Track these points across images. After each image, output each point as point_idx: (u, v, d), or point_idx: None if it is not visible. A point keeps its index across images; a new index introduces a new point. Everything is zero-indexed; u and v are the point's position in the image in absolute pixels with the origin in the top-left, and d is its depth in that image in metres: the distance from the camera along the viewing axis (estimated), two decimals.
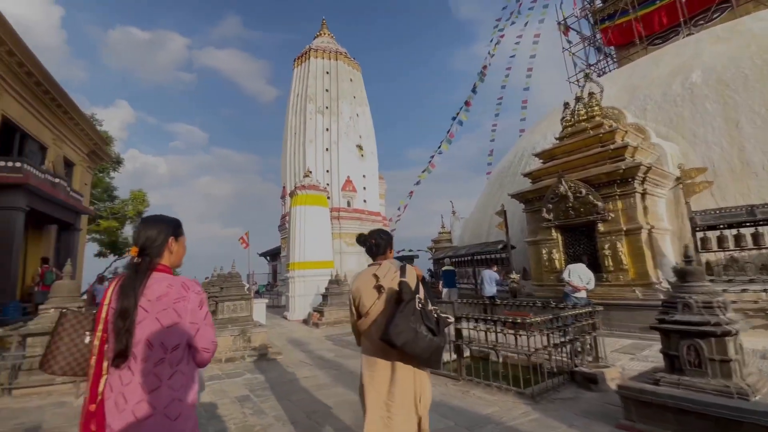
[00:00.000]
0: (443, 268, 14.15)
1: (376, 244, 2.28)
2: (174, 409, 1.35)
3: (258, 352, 6.71)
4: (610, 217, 7.59)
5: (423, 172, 24.42)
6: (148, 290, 1.39)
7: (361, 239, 2.37)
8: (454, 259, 12.85)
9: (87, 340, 1.52)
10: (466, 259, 12.70)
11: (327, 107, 23.36)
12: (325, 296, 11.76)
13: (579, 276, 6.98)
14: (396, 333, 1.84)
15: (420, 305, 1.95)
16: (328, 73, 24.10)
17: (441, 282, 14.17)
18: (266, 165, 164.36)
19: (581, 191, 7.80)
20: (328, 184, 21.21)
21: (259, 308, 10.42)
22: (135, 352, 1.33)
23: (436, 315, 2.06)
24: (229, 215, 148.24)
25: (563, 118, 9.23)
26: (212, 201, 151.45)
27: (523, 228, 10.11)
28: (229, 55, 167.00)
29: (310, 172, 15.21)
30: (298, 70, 24.96)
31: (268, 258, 39.09)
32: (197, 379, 1.52)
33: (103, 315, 1.39)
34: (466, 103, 25.88)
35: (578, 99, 9.23)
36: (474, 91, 26.62)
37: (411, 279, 2.07)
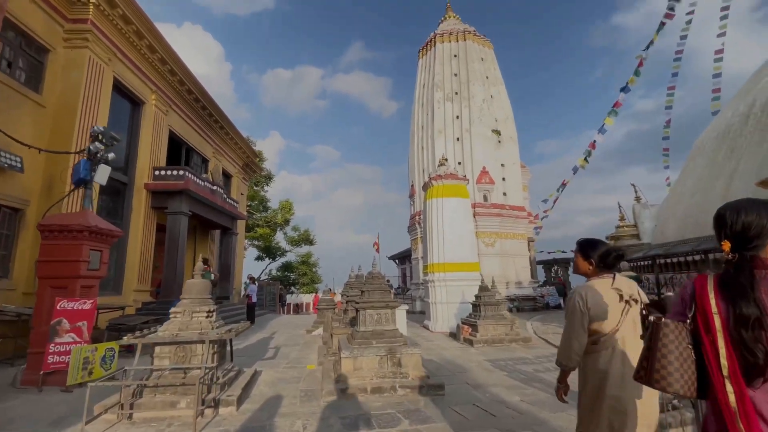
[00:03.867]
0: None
1: (618, 258, 2.08)
2: None
3: (411, 382, 4.84)
4: None
5: (584, 158, 19.89)
6: None
7: (605, 251, 2.08)
8: (659, 261, 9.00)
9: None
10: (680, 260, 8.76)
11: (456, 93, 21.16)
12: (476, 306, 9.46)
13: None
14: None
15: None
16: (456, 56, 21.93)
17: None
18: (389, 175, 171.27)
19: None
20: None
21: (400, 316, 8.76)
22: None
23: None
24: (360, 223, 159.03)
25: None
26: (346, 211, 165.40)
27: None
28: (355, 77, 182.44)
29: (446, 159, 13.19)
30: (423, 60, 23.47)
31: (396, 261, 38.84)
32: None
33: (718, 325, 1.20)
34: (638, 65, 20.32)
35: None
36: (647, 48, 20.80)
37: (644, 295, 1.99)
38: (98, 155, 5.98)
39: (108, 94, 9.93)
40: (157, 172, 11.77)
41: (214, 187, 13.88)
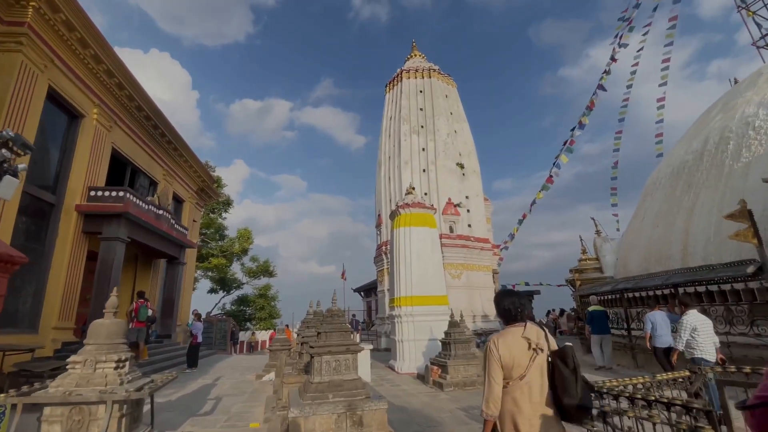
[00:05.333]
0: (590, 308, 10.33)
1: (522, 309, 2.18)
2: None
3: None
4: None
5: (540, 191, 20.50)
6: None
7: (507, 307, 2.21)
8: (628, 295, 8.88)
9: None
10: (649, 294, 8.69)
11: (422, 126, 21.43)
12: (446, 344, 8.78)
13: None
14: (586, 398, 1.88)
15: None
16: (421, 91, 22.43)
17: (588, 326, 10.41)
18: (355, 207, 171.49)
19: None
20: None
21: (363, 358, 7.87)
22: None
23: None
24: (325, 254, 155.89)
25: None
26: (310, 242, 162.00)
27: None
28: (323, 112, 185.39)
29: (413, 188, 12.88)
30: (391, 94, 23.83)
31: (362, 294, 37.58)
32: None
33: None
34: (589, 106, 21.71)
35: None
36: (595, 93, 22.40)
37: (553, 342, 2.09)
38: (4, 165, 4.96)
39: (40, 104, 8.79)
40: (92, 193, 10.48)
41: (161, 212, 12.62)
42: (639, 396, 3.37)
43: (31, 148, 5.42)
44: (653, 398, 3.36)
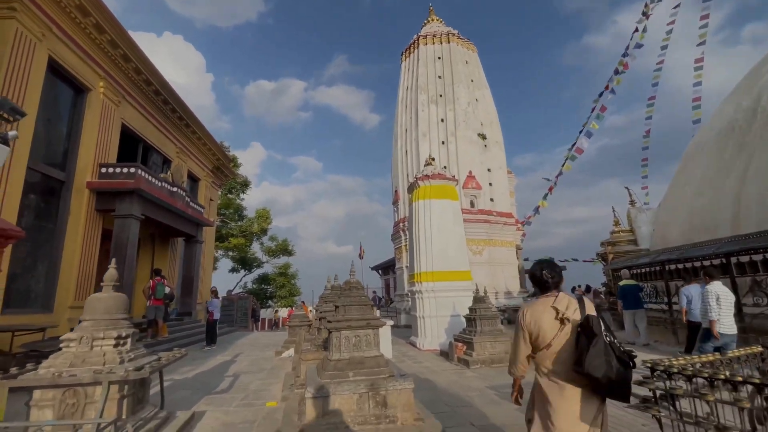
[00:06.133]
0: (622, 282, 9.66)
1: (552, 278, 2.18)
2: None
3: (401, 427, 3.60)
4: None
5: (565, 161, 19.36)
6: None
7: (537, 275, 2.23)
8: (669, 267, 8.11)
9: None
10: (694, 265, 7.91)
11: (441, 95, 20.37)
12: (471, 320, 8.29)
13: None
14: (594, 366, 1.80)
15: (609, 338, 1.91)
16: (440, 58, 21.23)
17: (620, 302, 9.79)
18: (371, 186, 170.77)
19: None
20: None
21: (384, 334, 7.47)
22: None
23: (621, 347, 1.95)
24: (342, 234, 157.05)
25: None
26: (327, 222, 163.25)
27: None
28: (337, 90, 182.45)
29: (433, 159, 12.17)
30: (407, 63, 22.68)
31: (380, 272, 37.49)
32: None
33: None
34: (618, 70, 20.16)
35: None
36: (625, 55, 20.72)
37: (591, 311, 2.04)
38: None
39: (40, 75, 8.43)
40: (104, 170, 10.23)
41: (174, 189, 12.36)
42: (722, 376, 2.79)
43: (21, 113, 5.03)
44: (740, 379, 2.78)
